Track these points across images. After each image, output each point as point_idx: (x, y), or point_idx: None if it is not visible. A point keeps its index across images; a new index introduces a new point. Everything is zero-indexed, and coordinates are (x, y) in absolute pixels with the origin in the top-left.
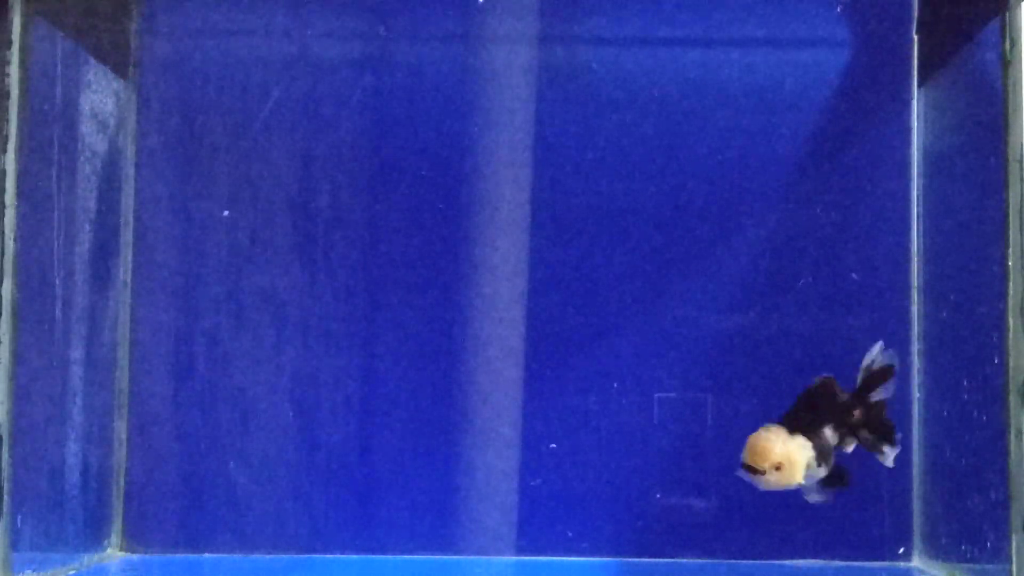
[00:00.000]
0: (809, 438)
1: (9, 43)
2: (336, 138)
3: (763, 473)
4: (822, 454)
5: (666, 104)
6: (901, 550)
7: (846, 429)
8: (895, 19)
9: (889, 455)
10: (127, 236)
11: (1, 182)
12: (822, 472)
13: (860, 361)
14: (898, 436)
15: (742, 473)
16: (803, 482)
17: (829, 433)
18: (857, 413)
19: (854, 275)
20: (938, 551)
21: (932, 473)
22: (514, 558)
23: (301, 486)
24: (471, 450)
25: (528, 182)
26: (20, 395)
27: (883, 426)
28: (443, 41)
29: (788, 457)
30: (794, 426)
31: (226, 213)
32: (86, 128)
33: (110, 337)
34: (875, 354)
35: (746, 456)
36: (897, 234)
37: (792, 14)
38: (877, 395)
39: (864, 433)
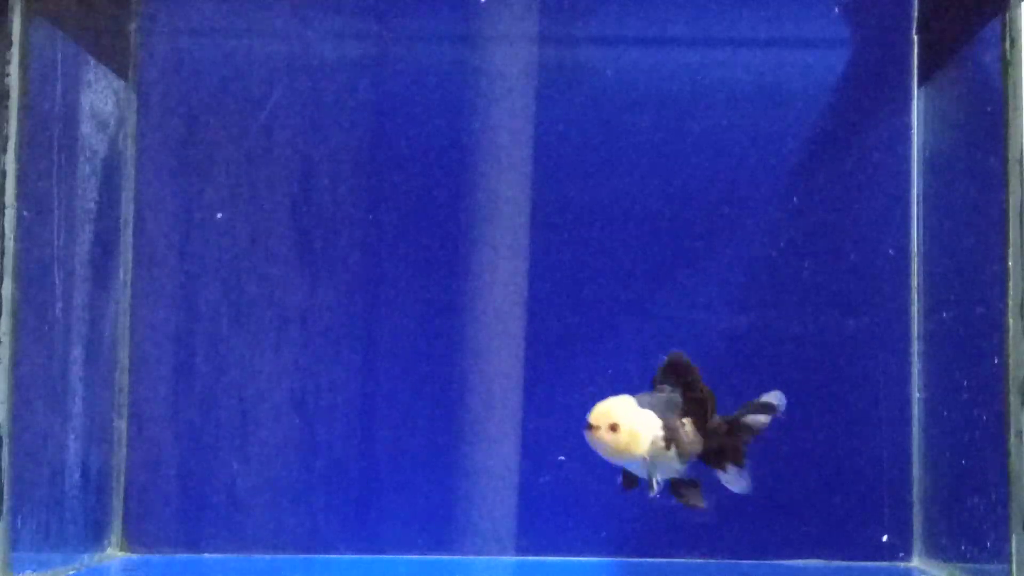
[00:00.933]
0: (661, 417)
1: (9, 43)
2: (336, 138)
3: (597, 429)
4: (674, 440)
5: (666, 104)
6: (901, 553)
7: (705, 437)
8: (895, 19)
9: (729, 476)
10: (127, 236)
11: (1, 182)
12: (673, 457)
13: (858, 362)
14: (747, 463)
15: (587, 436)
16: (646, 456)
17: (690, 427)
18: (723, 426)
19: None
20: (938, 551)
21: (932, 473)
22: (514, 558)
23: (301, 486)
24: (471, 450)
25: (528, 182)
26: (20, 395)
27: (735, 449)
28: (443, 41)
29: (627, 424)
30: (648, 401)
31: (219, 215)
32: (86, 128)
33: (110, 337)
34: (771, 395)
35: (590, 417)
36: (897, 234)
37: (792, 14)
38: (748, 420)
39: (719, 450)
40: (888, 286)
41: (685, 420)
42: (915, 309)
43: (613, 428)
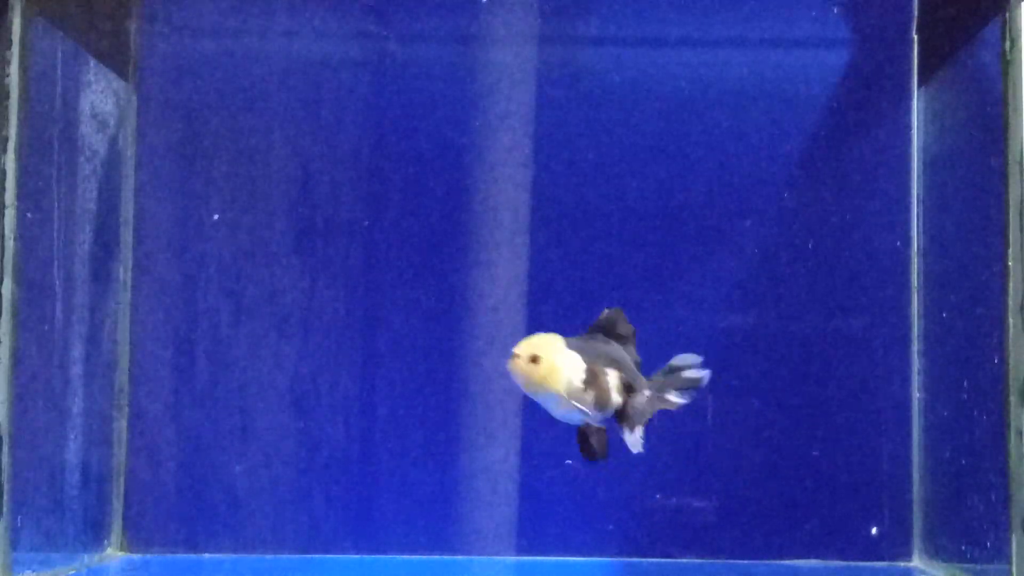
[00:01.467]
0: (585, 361)
1: (9, 43)
2: (336, 138)
3: (518, 358)
4: (592, 384)
5: (666, 104)
6: (901, 553)
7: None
8: (895, 19)
9: (632, 439)
10: (127, 236)
11: (1, 182)
12: (589, 402)
13: (858, 362)
14: (649, 427)
15: (509, 364)
16: (562, 394)
17: (612, 378)
18: (645, 393)
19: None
20: (938, 551)
21: (932, 473)
22: (514, 558)
23: (301, 486)
24: (471, 450)
25: (528, 182)
26: (20, 395)
27: (646, 414)
28: (443, 41)
29: (548, 358)
30: (575, 344)
31: (216, 217)
32: (86, 128)
33: (110, 337)
34: (690, 361)
35: (516, 347)
36: (897, 234)
37: (792, 14)
38: (671, 396)
39: (637, 406)
40: (888, 286)
41: (611, 371)
42: (915, 309)
43: (534, 360)
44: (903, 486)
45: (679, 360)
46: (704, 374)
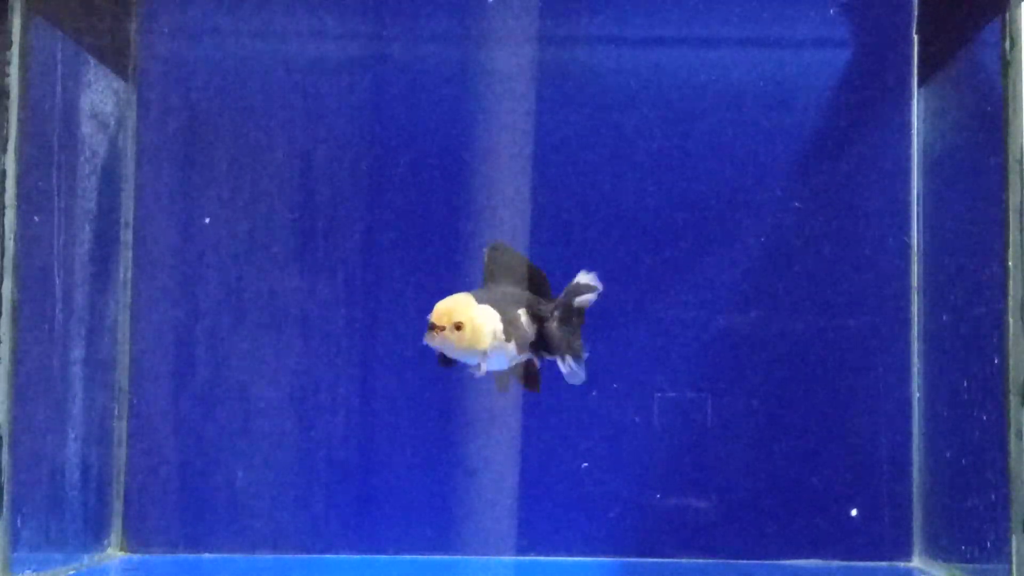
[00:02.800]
0: (499, 311)
1: (9, 43)
2: (336, 138)
3: (443, 330)
4: (512, 329)
5: (666, 104)
6: (901, 553)
7: (540, 323)
8: (895, 19)
9: (573, 369)
10: (127, 236)
11: (1, 182)
12: (512, 349)
13: (858, 362)
14: (586, 352)
15: (428, 337)
16: (487, 350)
17: (525, 316)
18: (555, 314)
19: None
20: (938, 551)
21: (932, 473)
22: (514, 558)
23: (301, 486)
24: (471, 450)
25: (528, 182)
26: (20, 395)
27: (571, 340)
28: (443, 41)
29: (470, 319)
30: (484, 296)
31: (208, 220)
32: (86, 128)
33: (110, 337)
34: (585, 275)
35: (431, 317)
36: (897, 234)
37: (792, 14)
38: (578, 302)
39: (555, 332)
40: (888, 286)
41: (521, 311)
42: (915, 309)
43: (458, 327)
44: (903, 486)
45: (578, 279)
46: (593, 279)
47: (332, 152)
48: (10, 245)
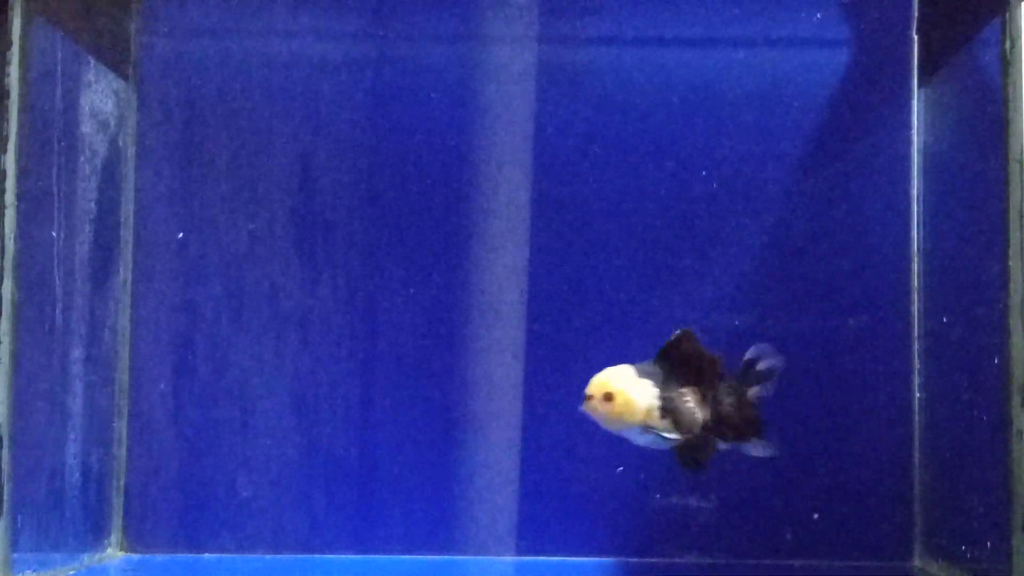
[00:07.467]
0: (659, 387)
1: (9, 43)
2: (336, 138)
3: (591, 399)
4: (670, 409)
5: (666, 104)
6: (901, 553)
7: (712, 408)
8: (895, 19)
9: (756, 447)
10: (127, 236)
11: (1, 182)
12: (668, 426)
13: (858, 362)
14: (765, 433)
15: (584, 406)
16: (640, 426)
17: (689, 397)
18: (729, 402)
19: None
20: (938, 551)
21: (932, 473)
22: (514, 558)
23: (301, 486)
24: (471, 450)
25: (528, 182)
26: (20, 395)
27: (750, 421)
28: (443, 41)
29: (623, 393)
30: (646, 372)
31: (180, 235)
32: (86, 128)
33: (110, 337)
34: (762, 351)
35: (588, 387)
36: (897, 234)
37: (792, 14)
38: (753, 391)
39: (729, 422)
40: (888, 286)
41: (685, 390)
42: (915, 309)
43: (608, 398)
44: (903, 486)
45: (752, 352)
46: (778, 360)
47: (332, 152)
48: (10, 245)
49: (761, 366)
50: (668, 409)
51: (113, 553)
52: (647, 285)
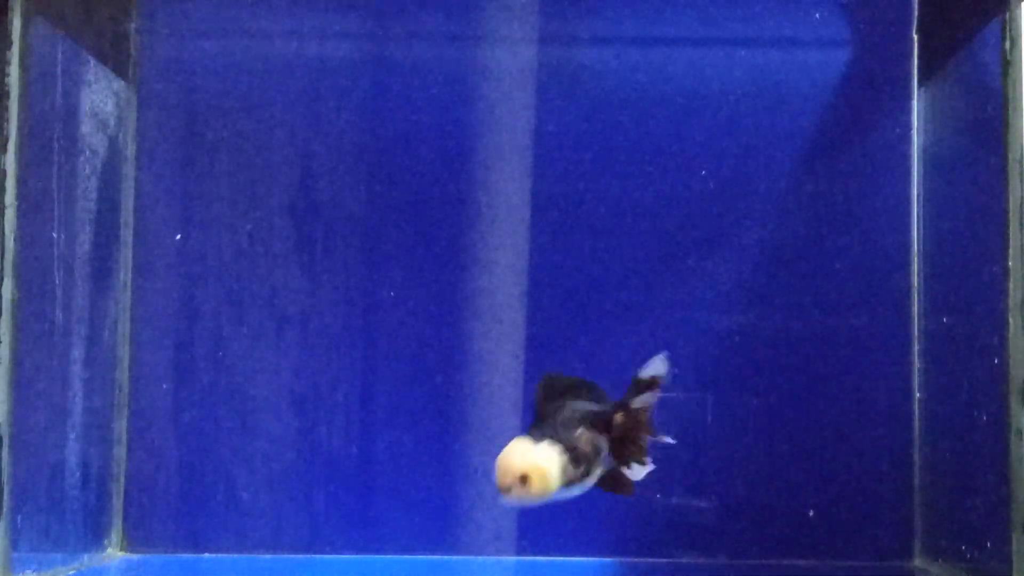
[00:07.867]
0: (558, 442)
1: (9, 43)
2: (336, 138)
3: (508, 491)
4: (578, 457)
5: (666, 104)
6: (901, 553)
7: (608, 434)
8: (895, 19)
9: (636, 472)
10: (127, 236)
11: (1, 182)
12: (584, 475)
13: (858, 362)
14: (649, 462)
15: (503, 499)
16: (560, 490)
17: (586, 435)
18: (619, 418)
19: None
20: (938, 551)
21: (932, 473)
22: (514, 558)
23: (301, 486)
24: (471, 450)
25: (528, 182)
26: (20, 395)
27: (641, 424)
28: (443, 41)
29: (534, 466)
30: (540, 434)
31: (178, 237)
32: (86, 128)
33: (110, 337)
34: (653, 364)
35: (496, 478)
36: (897, 234)
37: (792, 14)
38: (638, 403)
39: (627, 436)
40: (888, 286)
41: (580, 430)
42: (915, 309)
43: (523, 480)
44: (903, 486)
45: (642, 371)
46: (662, 366)
47: (332, 152)
48: (10, 245)
49: (644, 374)
50: (575, 457)
51: (113, 553)
52: (647, 285)
